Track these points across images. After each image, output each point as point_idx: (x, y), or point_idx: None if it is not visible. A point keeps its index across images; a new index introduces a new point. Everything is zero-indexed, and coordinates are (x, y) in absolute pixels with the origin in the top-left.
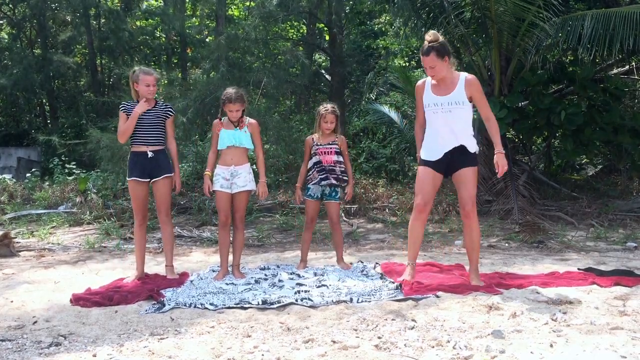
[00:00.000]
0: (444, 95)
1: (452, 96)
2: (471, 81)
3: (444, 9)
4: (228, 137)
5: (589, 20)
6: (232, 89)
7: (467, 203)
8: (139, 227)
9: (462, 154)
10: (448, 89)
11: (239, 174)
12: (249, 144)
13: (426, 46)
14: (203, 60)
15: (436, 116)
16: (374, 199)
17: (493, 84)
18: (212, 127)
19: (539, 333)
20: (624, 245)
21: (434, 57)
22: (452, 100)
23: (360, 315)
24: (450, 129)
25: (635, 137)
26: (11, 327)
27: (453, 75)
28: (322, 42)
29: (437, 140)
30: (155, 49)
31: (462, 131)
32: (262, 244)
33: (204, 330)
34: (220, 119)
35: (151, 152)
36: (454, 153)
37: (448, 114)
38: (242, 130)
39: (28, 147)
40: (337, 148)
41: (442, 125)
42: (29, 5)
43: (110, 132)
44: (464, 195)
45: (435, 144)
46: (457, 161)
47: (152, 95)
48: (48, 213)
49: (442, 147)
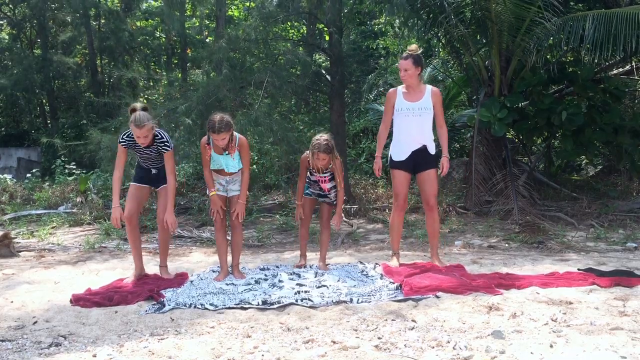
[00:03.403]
0: (414, 102)
1: (422, 102)
2: (436, 92)
3: (444, 9)
4: (219, 162)
5: (590, 21)
6: (216, 117)
7: (431, 199)
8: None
9: (425, 155)
10: (417, 96)
11: (235, 181)
12: (240, 165)
13: (406, 53)
14: (204, 61)
15: (407, 119)
16: (374, 199)
17: (493, 84)
18: (201, 148)
19: (539, 333)
20: (624, 245)
21: (410, 62)
22: (422, 106)
23: (360, 316)
24: (419, 130)
25: (635, 137)
26: (11, 328)
27: (421, 86)
28: (322, 42)
29: (407, 140)
30: (155, 49)
31: (428, 133)
32: (262, 244)
33: (204, 331)
34: (208, 142)
35: (155, 169)
36: (417, 154)
37: (418, 117)
38: (232, 156)
39: (28, 148)
40: (331, 174)
41: (414, 127)
42: (29, 6)
43: (111, 132)
44: (428, 192)
45: (404, 144)
46: (421, 163)
47: (146, 144)
48: (48, 213)
49: (409, 146)
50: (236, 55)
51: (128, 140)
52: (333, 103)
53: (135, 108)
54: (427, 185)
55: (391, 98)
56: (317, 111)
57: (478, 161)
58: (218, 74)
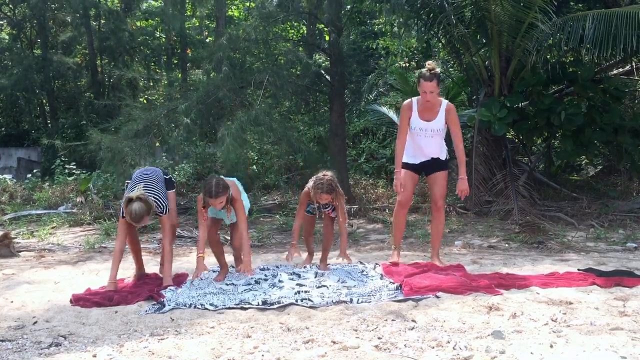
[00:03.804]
0: (428, 121)
1: (435, 123)
2: (450, 110)
3: (444, 9)
4: (217, 214)
5: (590, 20)
6: (213, 181)
7: (439, 200)
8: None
9: (435, 161)
10: (432, 115)
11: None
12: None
13: (428, 73)
14: (204, 60)
15: (419, 138)
16: (374, 199)
17: (493, 85)
18: (197, 207)
19: (539, 333)
20: (624, 245)
21: (435, 84)
22: (434, 127)
23: (360, 316)
24: (431, 149)
25: (635, 137)
26: (11, 328)
27: (437, 101)
28: (322, 42)
29: (418, 153)
30: (155, 49)
31: (439, 147)
32: (262, 244)
33: (204, 331)
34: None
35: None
36: (428, 161)
37: (430, 138)
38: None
39: (28, 148)
40: (333, 207)
41: (424, 146)
42: (29, 6)
43: (111, 133)
44: (437, 193)
45: (415, 156)
46: (432, 166)
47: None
48: (48, 213)
49: (419, 158)
50: (236, 55)
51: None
52: (333, 103)
53: (132, 199)
54: (436, 187)
55: (406, 113)
56: (317, 111)
57: (478, 161)
58: (218, 72)
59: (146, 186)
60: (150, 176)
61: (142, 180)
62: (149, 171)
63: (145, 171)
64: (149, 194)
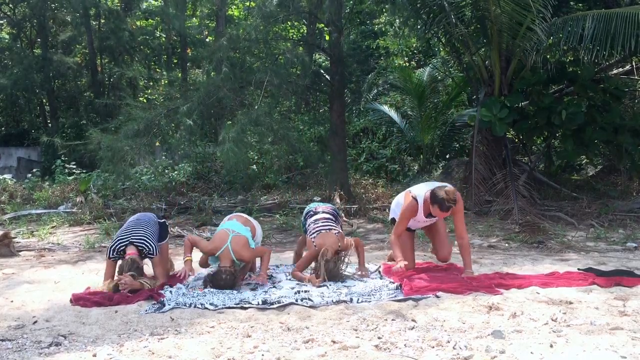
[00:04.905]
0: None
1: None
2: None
3: (444, 9)
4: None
5: (589, 20)
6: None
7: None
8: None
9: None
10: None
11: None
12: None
13: (446, 205)
14: (204, 60)
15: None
16: (374, 199)
17: (493, 84)
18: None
19: (539, 333)
20: (624, 245)
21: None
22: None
23: (360, 316)
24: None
25: (635, 137)
26: (11, 327)
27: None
28: (322, 42)
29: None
30: (155, 49)
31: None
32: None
33: (204, 330)
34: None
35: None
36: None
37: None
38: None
39: (28, 147)
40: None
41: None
42: (29, 5)
43: (111, 132)
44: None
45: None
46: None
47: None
48: (48, 213)
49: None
50: (236, 54)
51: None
52: (333, 103)
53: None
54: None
55: (411, 214)
56: (317, 111)
57: (478, 161)
58: (218, 72)
59: (137, 230)
60: (142, 221)
61: (134, 225)
62: (141, 216)
63: (139, 216)
64: (139, 236)
